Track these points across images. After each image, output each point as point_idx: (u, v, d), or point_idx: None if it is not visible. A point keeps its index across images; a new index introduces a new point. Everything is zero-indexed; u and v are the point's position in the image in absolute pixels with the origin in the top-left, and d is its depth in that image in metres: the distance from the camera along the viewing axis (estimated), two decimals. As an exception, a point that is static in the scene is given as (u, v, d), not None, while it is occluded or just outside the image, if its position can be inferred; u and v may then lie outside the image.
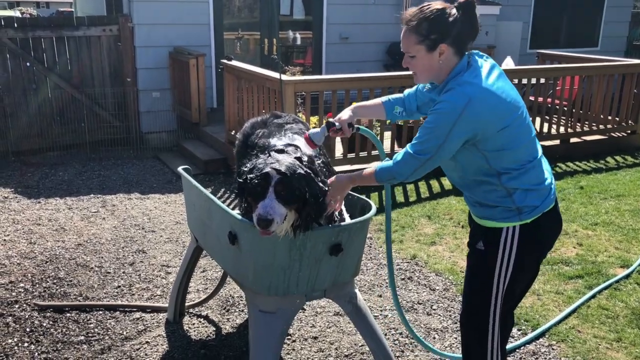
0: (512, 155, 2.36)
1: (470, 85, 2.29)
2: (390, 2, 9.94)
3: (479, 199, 2.49)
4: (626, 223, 5.52)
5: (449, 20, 2.33)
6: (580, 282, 4.36)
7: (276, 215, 2.33)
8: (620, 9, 12.42)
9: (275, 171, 2.36)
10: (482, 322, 2.56)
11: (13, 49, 7.70)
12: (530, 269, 2.57)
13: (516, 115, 2.34)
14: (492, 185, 2.41)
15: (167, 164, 7.67)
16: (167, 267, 4.67)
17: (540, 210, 2.41)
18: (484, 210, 2.48)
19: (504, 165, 2.36)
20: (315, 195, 2.45)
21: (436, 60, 2.37)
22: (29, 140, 7.91)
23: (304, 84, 6.15)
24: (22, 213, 5.83)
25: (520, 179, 2.38)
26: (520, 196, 2.38)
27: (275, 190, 2.35)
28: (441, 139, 2.28)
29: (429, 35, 2.33)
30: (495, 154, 2.35)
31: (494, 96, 2.29)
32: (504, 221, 2.42)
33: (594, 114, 8.24)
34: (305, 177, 2.41)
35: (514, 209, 2.39)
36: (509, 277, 2.47)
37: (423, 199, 6.17)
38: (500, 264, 2.45)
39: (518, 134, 2.36)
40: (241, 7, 9.57)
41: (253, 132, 3.12)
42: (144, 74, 8.39)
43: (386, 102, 2.84)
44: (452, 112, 2.25)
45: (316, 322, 3.87)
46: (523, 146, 2.38)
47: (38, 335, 3.67)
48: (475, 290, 2.58)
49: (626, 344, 3.59)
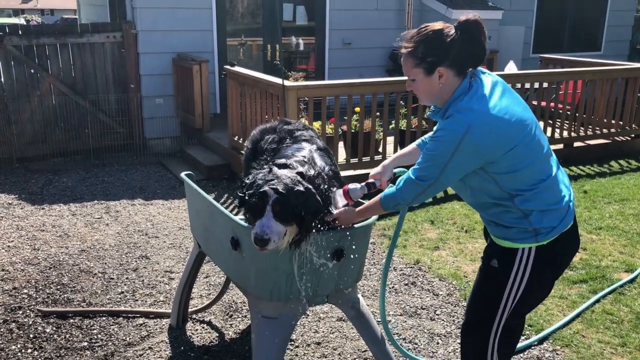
0: (523, 176, 2.29)
1: (470, 111, 2.22)
2: (392, 7, 9.96)
3: (493, 219, 2.42)
4: (630, 227, 5.50)
5: (446, 41, 2.25)
6: (585, 286, 4.35)
7: (272, 234, 2.34)
8: (623, 13, 12.41)
9: (272, 190, 2.36)
10: (483, 337, 2.53)
11: (17, 56, 7.74)
12: (543, 288, 2.50)
13: (524, 133, 2.26)
14: (506, 207, 2.34)
15: (170, 170, 7.69)
16: (170, 272, 4.68)
17: (558, 230, 2.34)
18: (500, 229, 2.41)
19: (515, 187, 2.29)
20: (313, 211, 2.45)
21: (436, 83, 2.31)
22: (33, 147, 7.94)
23: (307, 90, 6.15)
24: (26, 219, 5.84)
25: (534, 200, 2.30)
26: (537, 217, 2.31)
27: (273, 209, 2.36)
28: (441, 166, 2.25)
29: (425, 59, 2.28)
30: (504, 176, 2.28)
31: (496, 120, 2.22)
32: (520, 242, 2.35)
33: (597, 118, 8.23)
34: (303, 194, 2.40)
35: (531, 230, 2.32)
36: (518, 298, 2.41)
37: (426, 203, 6.16)
38: (512, 285, 2.39)
39: (527, 152, 2.28)
40: (244, 13, 9.60)
41: (262, 138, 3.12)
42: (147, 80, 8.42)
43: (420, 144, 2.79)
44: (451, 141, 2.21)
45: (319, 327, 3.86)
46: (533, 165, 2.30)
47: (41, 341, 3.67)
48: (481, 306, 2.54)
49: (631, 349, 3.57)
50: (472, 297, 2.61)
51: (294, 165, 2.57)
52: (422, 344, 3.67)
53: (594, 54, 11.63)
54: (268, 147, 3.02)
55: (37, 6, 61.83)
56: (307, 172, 2.55)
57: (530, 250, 2.33)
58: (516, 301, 2.42)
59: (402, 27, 10.00)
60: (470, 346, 2.63)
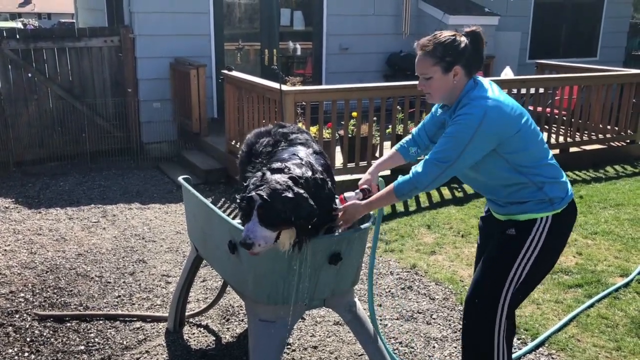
0: (531, 153, 2.57)
1: (484, 98, 2.51)
2: (390, 13, 10.01)
3: (509, 199, 2.64)
4: (625, 232, 5.53)
5: (461, 45, 2.57)
6: (580, 291, 4.37)
7: (257, 238, 2.37)
8: (619, 20, 12.49)
9: (258, 196, 2.38)
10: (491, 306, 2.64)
11: (15, 60, 7.75)
12: (551, 258, 2.70)
13: (525, 119, 2.57)
14: (522, 184, 2.58)
15: (167, 174, 7.70)
16: (167, 276, 4.68)
17: (566, 201, 2.62)
18: (516, 207, 2.63)
19: (525, 164, 2.56)
20: (305, 216, 2.44)
21: (451, 80, 2.58)
22: (30, 151, 7.94)
23: (304, 94, 6.18)
24: (23, 223, 5.84)
25: (543, 174, 2.58)
26: (550, 188, 2.58)
27: (259, 214, 2.38)
28: (461, 147, 2.48)
29: (444, 58, 2.55)
30: (515, 155, 2.54)
31: (504, 105, 2.52)
32: (538, 212, 2.59)
33: (593, 124, 8.27)
34: (291, 199, 2.40)
35: (547, 200, 2.58)
36: (529, 266, 2.60)
37: (423, 208, 6.18)
38: (526, 250, 2.60)
39: (530, 134, 2.57)
40: (241, 18, 9.63)
41: (257, 142, 3.13)
42: (145, 84, 8.44)
43: (400, 149, 3.03)
44: (471, 123, 2.47)
45: (316, 331, 3.87)
46: (536, 145, 2.60)
47: (38, 345, 3.67)
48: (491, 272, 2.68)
49: (625, 353, 3.59)
50: (480, 270, 2.73)
51: (290, 168, 2.56)
52: (418, 348, 3.68)
53: (590, 60, 11.70)
54: (263, 150, 3.03)
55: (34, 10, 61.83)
56: (304, 175, 2.54)
57: (547, 219, 2.59)
58: (526, 270, 2.60)
59: (400, 33, 10.06)
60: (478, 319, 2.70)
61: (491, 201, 2.77)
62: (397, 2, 9.99)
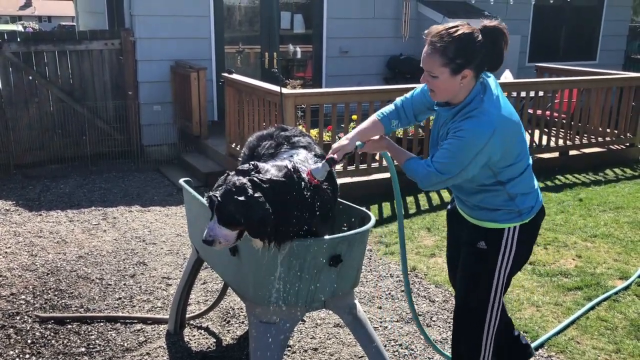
0: (515, 167, 2.54)
1: (492, 115, 2.38)
2: (389, 16, 10.03)
3: (479, 204, 2.64)
4: (625, 235, 5.54)
5: (476, 45, 2.35)
6: (580, 293, 4.38)
7: (217, 236, 2.45)
8: (618, 23, 12.51)
9: (215, 197, 2.45)
10: (480, 316, 2.73)
11: (16, 62, 7.77)
12: (526, 256, 2.79)
13: (522, 129, 2.53)
14: (496, 193, 2.57)
15: (168, 177, 7.71)
16: (167, 279, 4.69)
17: (535, 210, 2.64)
18: (485, 213, 2.64)
19: (509, 176, 2.54)
20: (255, 220, 2.40)
21: (458, 83, 2.40)
22: (30, 153, 7.95)
23: (304, 97, 6.20)
24: (24, 225, 5.86)
25: (520, 185, 2.57)
26: (521, 200, 2.58)
27: (217, 214, 2.45)
28: (465, 164, 2.41)
29: (455, 59, 2.35)
30: (504, 169, 2.52)
31: (511, 122, 2.44)
32: (506, 222, 2.61)
33: (592, 127, 8.30)
34: (242, 203, 2.39)
35: (516, 212, 2.59)
36: (508, 272, 2.67)
37: (423, 211, 6.19)
38: (501, 262, 2.64)
39: (521, 148, 2.54)
40: (242, 21, 9.66)
41: (259, 144, 3.13)
42: (145, 87, 8.46)
43: (383, 119, 2.81)
44: (477, 142, 2.36)
45: (316, 333, 3.88)
46: (522, 157, 2.56)
47: (39, 347, 3.68)
48: (475, 287, 2.73)
49: (625, 355, 3.60)
50: (462, 281, 2.80)
51: (262, 170, 2.50)
52: (418, 350, 3.69)
53: (589, 63, 11.71)
54: (265, 153, 3.03)
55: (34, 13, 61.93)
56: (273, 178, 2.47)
57: (515, 229, 2.61)
58: (507, 274, 2.68)
59: (399, 36, 10.08)
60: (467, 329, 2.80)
61: (460, 200, 2.76)
62: (396, 6, 10.02)
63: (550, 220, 5.88)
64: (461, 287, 2.80)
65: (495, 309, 2.73)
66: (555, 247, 5.23)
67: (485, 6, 10.66)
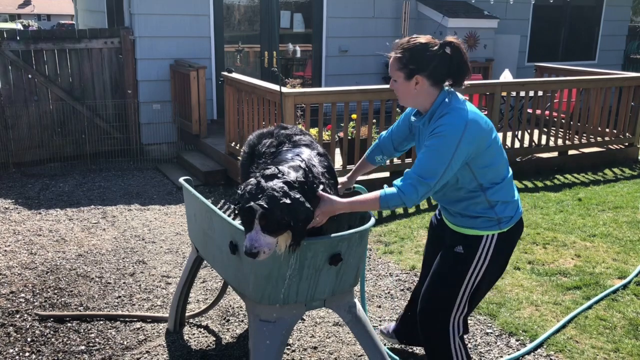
0: (496, 170, 2.66)
1: (463, 110, 2.55)
2: (389, 15, 10.04)
3: (461, 211, 2.74)
4: (624, 235, 5.55)
5: (428, 54, 2.56)
6: (579, 293, 4.39)
7: (262, 246, 2.40)
8: (617, 23, 12.53)
9: (258, 206, 2.39)
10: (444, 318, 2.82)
11: (15, 61, 7.77)
12: (500, 268, 2.86)
13: (494, 135, 2.65)
14: (477, 199, 2.67)
15: (167, 176, 7.71)
16: (167, 277, 4.70)
17: (514, 220, 2.73)
18: (466, 220, 2.74)
19: (488, 180, 2.65)
20: (303, 219, 2.46)
21: (412, 88, 2.61)
22: (30, 152, 7.95)
23: (304, 97, 6.20)
24: (23, 224, 5.86)
25: (500, 193, 2.68)
26: (501, 208, 2.69)
27: (260, 223, 2.41)
28: (447, 160, 2.48)
29: (408, 65, 2.58)
30: (482, 170, 2.62)
31: (480, 118, 2.59)
32: (485, 230, 2.70)
33: (591, 127, 8.31)
34: (289, 206, 2.41)
35: (495, 219, 2.69)
36: (478, 279, 2.76)
37: (422, 210, 6.20)
38: (474, 268, 2.74)
39: (498, 151, 2.67)
40: (241, 20, 9.65)
41: (260, 142, 3.14)
42: (144, 86, 8.46)
43: (368, 157, 3.20)
44: (454, 134, 2.48)
45: (316, 332, 3.89)
46: (501, 163, 2.69)
47: (39, 345, 3.69)
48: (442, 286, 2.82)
49: (624, 355, 3.61)
50: (431, 283, 2.86)
51: (285, 172, 2.54)
52: (416, 348, 3.70)
53: (589, 63, 11.74)
54: (267, 151, 3.03)
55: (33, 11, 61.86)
56: (297, 178, 2.53)
57: (493, 237, 2.71)
58: (477, 281, 2.76)
59: (399, 35, 10.04)
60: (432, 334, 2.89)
61: (444, 209, 2.88)
62: (396, 5, 10.02)
63: (549, 220, 5.89)
64: (429, 285, 2.88)
65: (459, 314, 2.83)
66: (554, 247, 5.24)
67: (485, 5, 10.67)
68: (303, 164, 2.65)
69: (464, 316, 2.88)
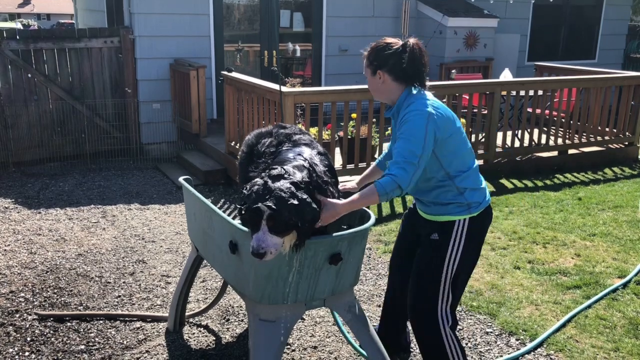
0: (462, 158, 2.87)
1: (427, 99, 2.82)
2: (389, 15, 10.03)
3: (433, 200, 2.93)
4: (624, 234, 5.55)
5: (387, 53, 2.84)
6: (579, 292, 4.39)
7: (269, 247, 2.41)
8: (618, 22, 12.53)
9: (266, 207, 2.40)
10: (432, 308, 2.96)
11: (15, 60, 7.76)
12: (475, 253, 3.01)
13: (457, 125, 2.86)
14: (447, 187, 2.87)
15: (167, 175, 7.71)
16: (167, 277, 4.69)
17: (483, 206, 2.93)
18: (439, 208, 2.92)
19: (455, 168, 2.85)
20: (309, 220, 2.47)
21: (378, 82, 2.90)
22: (29, 151, 7.95)
23: (304, 96, 6.19)
24: (23, 223, 5.85)
25: (468, 180, 2.88)
26: (470, 194, 2.88)
27: (268, 224, 2.41)
28: (421, 140, 2.69)
29: (373, 62, 2.89)
30: (448, 158, 2.82)
31: (443, 107, 2.84)
32: (456, 215, 2.89)
33: (591, 126, 8.31)
34: (296, 207, 2.42)
35: (465, 205, 2.88)
36: (456, 264, 2.91)
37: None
38: (450, 252, 2.90)
39: (461, 141, 2.88)
40: (241, 19, 9.65)
41: (259, 142, 3.13)
42: (144, 85, 8.45)
43: (379, 164, 3.38)
44: (421, 116, 2.72)
45: (315, 331, 3.89)
46: (466, 152, 2.90)
47: (39, 345, 3.68)
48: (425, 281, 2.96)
49: (624, 354, 3.61)
50: (414, 278, 3.02)
51: (290, 172, 2.55)
52: (415, 347, 3.69)
53: (589, 63, 11.73)
54: (266, 151, 3.03)
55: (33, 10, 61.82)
56: (303, 179, 2.54)
57: (464, 221, 2.90)
58: (456, 265, 2.91)
59: (399, 35, 10.08)
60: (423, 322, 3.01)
61: (418, 200, 3.05)
62: (396, 4, 10.02)
63: (549, 219, 5.89)
64: (413, 281, 3.03)
65: (444, 304, 2.96)
66: (554, 246, 5.24)
67: (485, 5, 10.67)
68: (306, 164, 2.66)
69: (450, 306, 2.99)
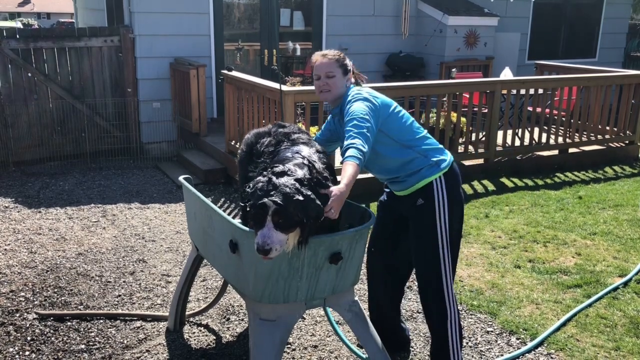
0: (409, 128, 3.15)
1: (363, 89, 3.16)
2: (389, 13, 10.02)
3: (407, 173, 3.14)
4: (624, 233, 5.55)
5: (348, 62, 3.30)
6: (579, 291, 4.38)
7: (274, 243, 2.40)
8: (618, 21, 12.51)
9: (271, 202, 2.40)
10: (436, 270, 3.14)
11: (15, 59, 7.76)
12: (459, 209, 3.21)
13: (393, 107, 3.14)
14: (412, 157, 3.12)
15: (167, 174, 7.71)
16: (167, 276, 4.69)
17: (449, 162, 3.18)
18: (414, 176, 3.12)
19: (407, 139, 3.12)
20: (314, 217, 2.48)
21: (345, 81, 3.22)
22: (29, 150, 7.94)
23: (304, 95, 6.18)
24: (23, 222, 5.85)
25: (424, 143, 3.16)
26: (432, 153, 3.15)
27: (273, 220, 2.41)
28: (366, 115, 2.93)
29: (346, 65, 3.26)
30: (396, 131, 3.09)
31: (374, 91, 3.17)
32: (431, 175, 3.10)
33: (592, 125, 8.30)
34: (302, 202, 2.42)
35: (434, 164, 3.12)
36: (447, 223, 3.11)
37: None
38: (439, 213, 3.10)
39: (403, 115, 3.17)
40: (241, 18, 9.64)
41: (258, 141, 3.13)
42: (144, 84, 8.45)
43: None
44: (358, 98, 3.04)
45: (316, 330, 3.88)
46: (411, 121, 3.19)
47: (39, 344, 3.68)
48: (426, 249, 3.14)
49: (624, 353, 3.60)
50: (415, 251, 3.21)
51: (292, 170, 2.57)
52: (418, 347, 3.70)
53: (589, 61, 11.72)
54: (265, 150, 3.03)
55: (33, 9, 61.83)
56: (305, 175, 2.56)
57: (440, 180, 3.12)
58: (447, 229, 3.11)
59: (399, 33, 10.08)
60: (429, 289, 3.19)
61: (393, 182, 3.24)
62: (396, 3, 10.01)
63: (549, 218, 5.89)
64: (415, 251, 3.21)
65: (447, 262, 3.14)
66: (554, 245, 5.23)
67: (485, 3, 10.65)
68: (306, 161, 2.67)
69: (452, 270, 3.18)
